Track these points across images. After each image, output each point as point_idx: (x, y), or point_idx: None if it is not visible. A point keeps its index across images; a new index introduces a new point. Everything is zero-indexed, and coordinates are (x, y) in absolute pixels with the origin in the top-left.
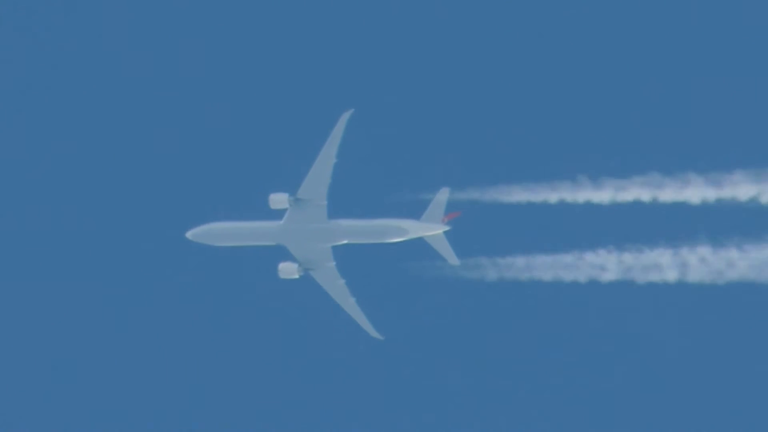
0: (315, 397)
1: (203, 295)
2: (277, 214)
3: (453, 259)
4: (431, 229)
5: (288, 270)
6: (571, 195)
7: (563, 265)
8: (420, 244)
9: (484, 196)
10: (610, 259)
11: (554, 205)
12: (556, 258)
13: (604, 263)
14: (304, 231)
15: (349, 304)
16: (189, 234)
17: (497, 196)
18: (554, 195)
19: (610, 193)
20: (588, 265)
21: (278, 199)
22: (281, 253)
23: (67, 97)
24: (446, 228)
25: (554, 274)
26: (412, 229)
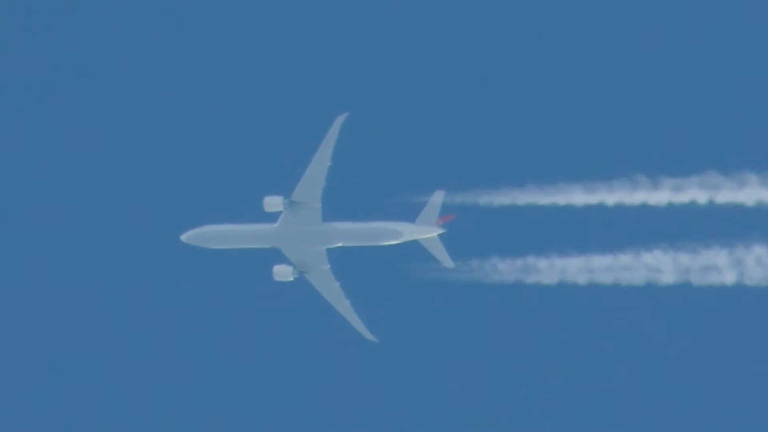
0: (309, 400)
1: (198, 298)
2: (272, 216)
3: (447, 262)
4: (426, 231)
5: (283, 273)
6: (582, 198)
7: (563, 268)
8: (415, 247)
9: (478, 198)
10: (627, 259)
11: (551, 207)
12: (555, 261)
13: (631, 264)
14: (298, 234)
15: (343, 307)
16: (184, 237)
17: (491, 198)
18: (548, 197)
19: (608, 194)
20: (595, 267)
21: (273, 202)
22: (276, 256)
23: (62, 99)
24: (441, 231)
25: (555, 276)
26: (406, 231)
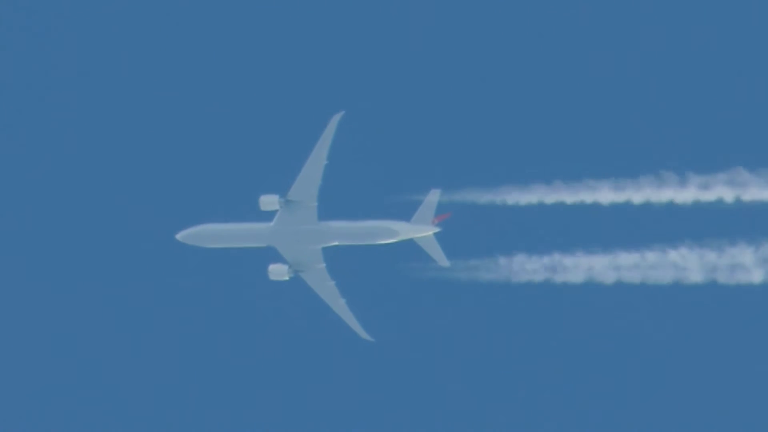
0: (305, 399)
1: (194, 297)
2: (268, 215)
3: (443, 261)
4: (421, 230)
5: (278, 272)
6: (590, 196)
7: (563, 267)
8: (410, 246)
9: (474, 197)
10: (632, 258)
11: (550, 206)
12: (557, 259)
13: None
14: (294, 233)
15: (339, 306)
16: (179, 235)
17: (487, 197)
18: (552, 196)
19: (610, 194)
20: (594, 267)
21: (269, 201)
22: (271, 255)
23: (58, 99)
24: (436, 229)
25: (553, 276)
26: (402, 230)
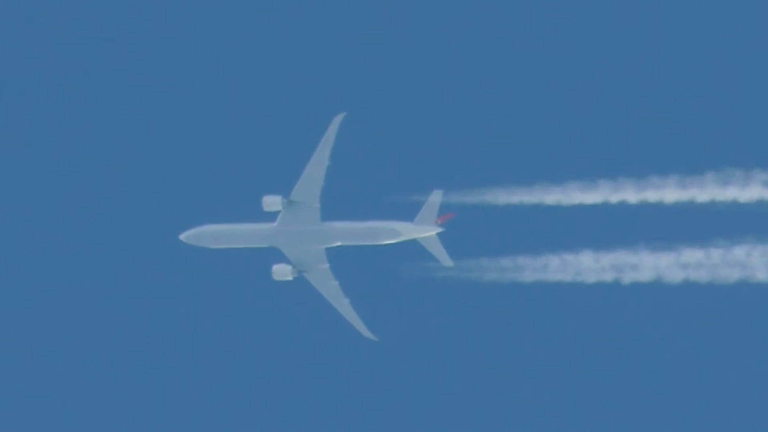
0: (308, 399)
1: (197, 298)
2: (271, 216)
3: (446, 261)
4: (424, 230)
5: (282, 272)
6: (584, 197)
7: (555, 266)
8: (413, 246)
9: (477, 197)
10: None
11: (549, 207)
12: (548, 258)
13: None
14: (297, 233)
15: (342, 306)
16: (182, 236)
17: (490, 197)
18: (551, 197)
19: (602, 193)
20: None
21: (271, 202)
22: (275, 255)
23: (59, 99)
24: (439, 230)
25: (552, 275)
26: (405, 231)
